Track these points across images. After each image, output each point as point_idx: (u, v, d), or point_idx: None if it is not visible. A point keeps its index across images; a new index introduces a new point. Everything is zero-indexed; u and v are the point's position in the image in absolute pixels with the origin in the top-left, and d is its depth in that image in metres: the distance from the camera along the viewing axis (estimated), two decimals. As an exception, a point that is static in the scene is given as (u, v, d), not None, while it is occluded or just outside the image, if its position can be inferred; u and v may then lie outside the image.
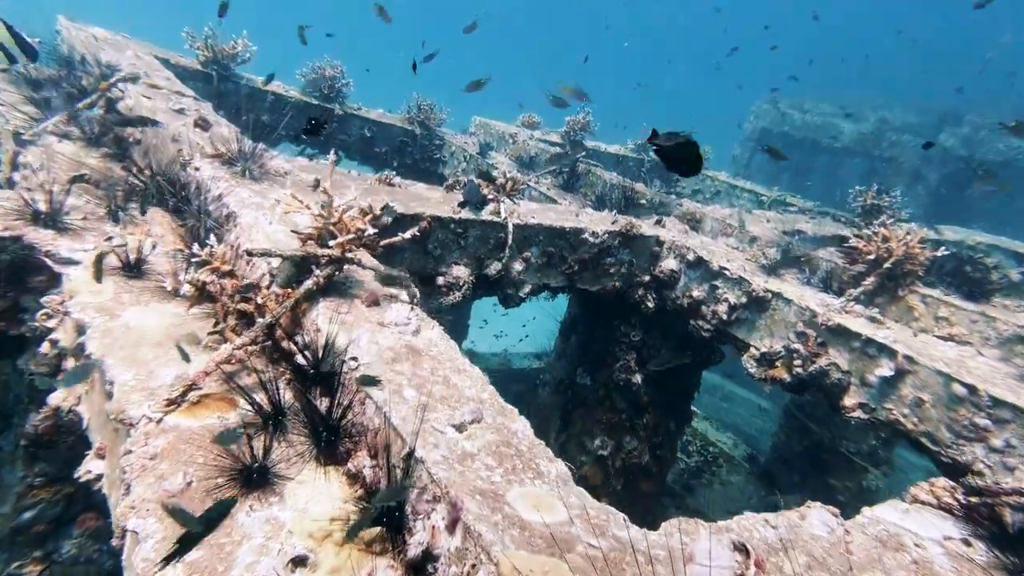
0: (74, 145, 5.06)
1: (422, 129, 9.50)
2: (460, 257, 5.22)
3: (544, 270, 5.68)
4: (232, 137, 4.92)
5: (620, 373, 6.23)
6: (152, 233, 3.54)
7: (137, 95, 5.37)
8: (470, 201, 5.17)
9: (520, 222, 5.33)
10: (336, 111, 8.77)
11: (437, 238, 5.02)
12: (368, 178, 5.46)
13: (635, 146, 11.97)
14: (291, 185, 4.45)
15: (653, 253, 5.97)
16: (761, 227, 6.19)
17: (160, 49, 7.64)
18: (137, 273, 3.09)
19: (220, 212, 3.68)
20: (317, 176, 4.82)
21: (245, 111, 8.13)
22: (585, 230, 5.62)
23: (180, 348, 2.45)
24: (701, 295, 5.48)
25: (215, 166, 4.27)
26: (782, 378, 4.46)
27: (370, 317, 2.93)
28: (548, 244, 5.57)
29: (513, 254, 5.38)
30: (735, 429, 12.39)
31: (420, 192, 5.37)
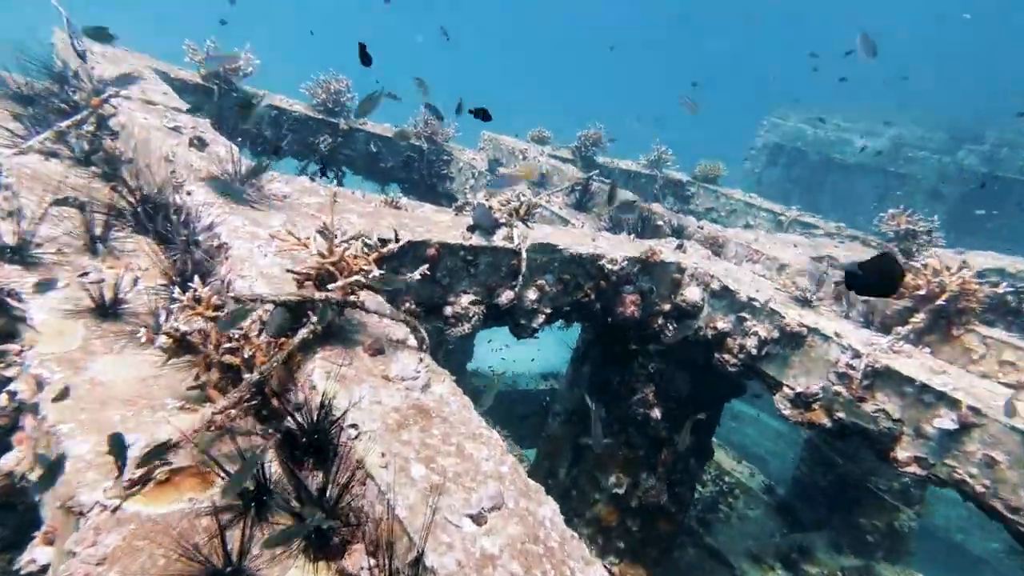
0: (62, 164, 4.76)
1: (429, 144, 9.23)
2: (470, 286, 4.87)
3: (559, 299, 5.32)
4: (228, 157, 4.61)
5: (637, 407, 5.84)
6: (134, 267, 3.21)
7: (130, 111, 5.09)
8: (481, 225, 4.83)
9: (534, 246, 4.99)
10: (341, 125, 8.51)
11: (446, 265, 4.68)
12: (372, 199, 5.13)
13: (647, 162, 11.67)
14: (290, 210, 4.13)
15: (674, 280, 5.61)
16: (789, 253, 5.82)
17: (160, 62, 7.40)
18: (113, 314, 2.76)
19: (211, 242, 3.35)
20: (319, 200, 4.51)
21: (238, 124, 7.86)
22: (603, 256, 5.27)
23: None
24: (727, 327, 5.11)
25: (208, 190, 3.96)
26: (821, 423, 4.07)
27: (373, 370, 2.58)
28: (564, 271, 5.22)
29: (526, 282, 5.03)
30: (743, 450, 11.93)
31: (428, 215, 5.04)
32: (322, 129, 8.44)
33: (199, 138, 4.65)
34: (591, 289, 5.35)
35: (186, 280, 3.14)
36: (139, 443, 2.05)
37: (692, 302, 5.41)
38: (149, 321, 2.73)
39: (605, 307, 5.50)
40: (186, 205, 3.81)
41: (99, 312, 2.72)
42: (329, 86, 8.12)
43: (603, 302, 5.49)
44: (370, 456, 2.01)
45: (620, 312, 5.43)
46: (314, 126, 8.35)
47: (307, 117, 8.29)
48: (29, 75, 5.44)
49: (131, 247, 3.41)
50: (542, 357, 14.73)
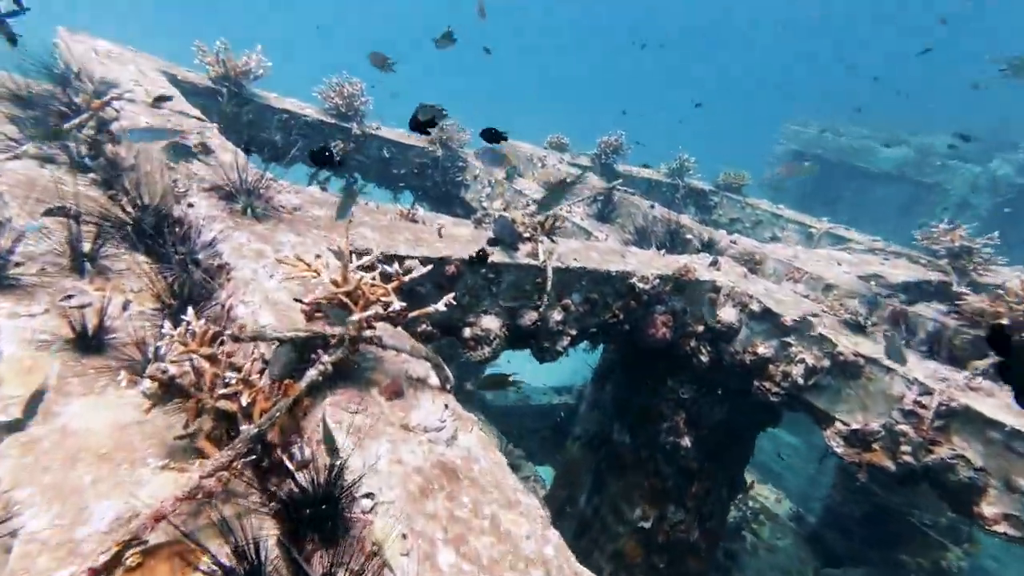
0: (59, 171, 4.47)
1: (444, 150, 8.90)
2: (491, 305, 4.51)
3: (585, 319, 4.94)
4: (235, 165, 4.29)
5: (667, 435, 5.42)
6: (126, 289, 2.87)
7: (133, 115, 4.79)
8: (503, 240, 4.47)
9: (561, 265, 4.62)
10: (354, 130, 8.20)
11: (465, 284, 4.32)
12: (387, 211, 4.79)
13: (669, 171, 11.27)
14: (300, 223, 3.79)
15: (709, 300, 5.20)
16: (834, 271, 5.40)
17: (168, 64, 7.15)
18: (95, 346, 2.41)
19: (211, 261, 3.01)
20: (331, 212, 4.17)
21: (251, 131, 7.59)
22: (633, 274, 4.88)
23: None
24: (768, 352, 4.69)
25: (212, 202, 3.63)
26: (883, 465, 3.65)
27: (392, 417, 2.21)
28: (591, 290, 4.84)
29: (551, 301, 4.66)
30: (757, 465, 11.37)
31: (447, 228, 4.69)
32: (334, 134, 8.14)
33: (204, 144, 4.34)
34: (620, 309, 4.96)
35: (184, 303, 2.80)
36: (108, 516, 1.69)
37: (728, 324, 5.00)
38: (137, 354, 2.39)
39: (634, 328, 5.11)
40: (186, 218, 3.48)
41: (80, 343, 2.38)
42: (343, 89, 7.82)
43: (632, 323, 5.10)
44: (389, 541, 1.64)
45: (651, 334, 5.03)
46: (327, 131, 8.05)
47: (319, 122, 8.00)
48: (28, 76, 5.17)
49: (123, 266, 3.08)
50: (555, 368, 14.31)
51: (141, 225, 3.17)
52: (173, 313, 2.72)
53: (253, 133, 7.70)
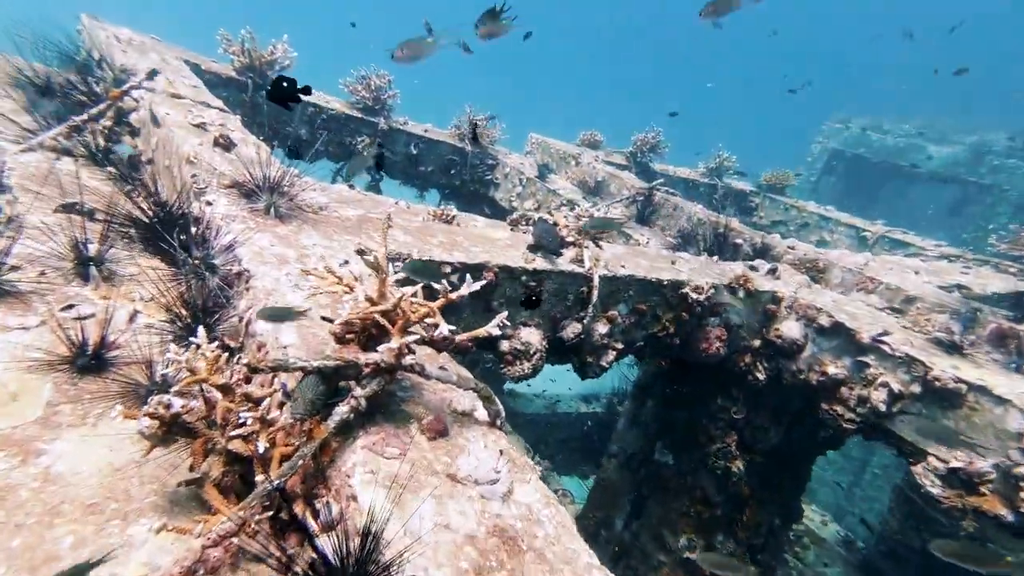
0: (75, 165, 4.21)
1: (473, 146, 8.52)
2: (531, 316, 4.10)
3: (632, 332, 4.50)
4: (258, 160, 3.97)
5: (717, 459, 4.95)
6: (135, 297, 2.55)
7: (153, 105, 4.52)
8: (544, 245, 4.06)
9: (608, 273, 4.18)
10: (380, 125, 7.88)
11: (503, 292, 3.92)
12: (419, 211, 4.42)
13: (707, 170, 10.69)
14: (326, 224, 3.44)
15: (767, 312, 4.71)
16: (912, 281, 4.85)
17: (192, 53, 6.92)
18: (95, 366, 2.09)
19: (230, 268, 2.67)
20: (360, 212, 3.81)
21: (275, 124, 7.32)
22: (686, 284, 4.42)
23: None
24: (840, 373, 4.18)
25: (232, 199, 3.30)
26: (994, 512, 3.14)
27: (436, 464, 1.82)
28: (640, 300, 4.40)
29: (596, 313, 4.23)
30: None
31: (482, 231, 4.29)
32: (360, 129, 7.83)
33: (226, 137, 4.03)
34: (670, 321, 4.51)
35: (197, 314, 2.47)
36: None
37: (791, 339, 4.50)
38: (141, 376, 2.05)
39: (684, 343, 4.65)
40: (204, 217, 3.16)
41: (77, 363, 2.05)
42: (370, 82, 7.50)
43: (682, 337, 4.64)
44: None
45: (703, 349, 4.56)
46: (353, 126, 7.74)
47: (344, 115, 7.69)
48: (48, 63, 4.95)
49: (135, 270, 2.76)
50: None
51: (155, 225, 2.85)
52: (185, 328, 2.38)
53: (277, 126, 7.44)
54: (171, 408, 1.63)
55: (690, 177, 10.57)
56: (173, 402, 1.65)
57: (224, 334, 2.48)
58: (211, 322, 2.48)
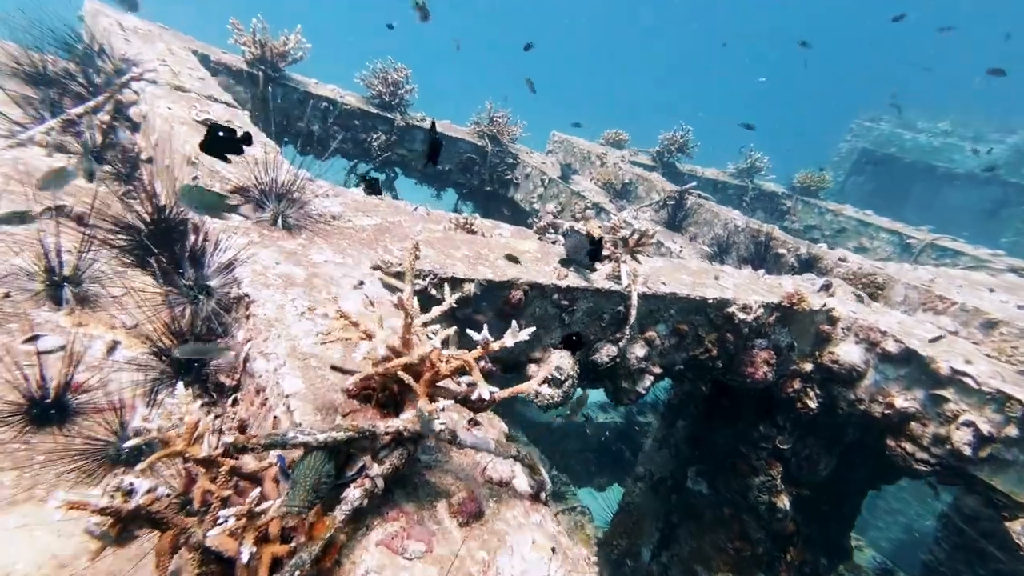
0: (68, 163, 3.89)
1: (493, 145, 8.11)
2: (561, 337, 3.70)
3: (671, 354, 4.09)
4: (266, 161, 3.61)
5: (760, 492, 4.53)
6: (117, 324, 2.20)
7: (154, 98, 4.18)
8: (577, 260, 3.65)
9: (647, 290, 3.77)
10: (396, 121, 7.50)
11: (533, 312, 3.53)
12: (440, 218, 4.04)
13: (737, 170, 10.18)
14: (340, 236, 3.07)
15: (821, 333, 4.26)
16: (990, 301, 4.36)
17: (201, 43, 6.58)
18: (56, 415, 1.74)
19: (228, 290, 2.31)
20: (376, 221, 3.43)
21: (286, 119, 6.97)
22: (733, 302, 3.99)
23: None
24: (911, 407, 3.73)
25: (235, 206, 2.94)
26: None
27: (471, 565, 1.44)
28: (681, 320, 3.98)
29: (634, 334, 3.83)
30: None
31: (508, 242, 3.90)
32: (376, 125, 7.46)
33: (229, 134, 3.66)
34: (713, 343, 4.09)
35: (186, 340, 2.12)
36: None
37: (849, 365, 4.06)
38: (107, 430, 1.69)
39: (727, 366, 4.23)
40: (203, 227, 2.80)
41: (33, 413, 1.70)
42: (387, 76, 7.11)
43: (726, 359, 4.22)
44: None
45: (748, 373, 4.14)
46: (368, 122, 7.37)
47: (360, 111, 7.32)
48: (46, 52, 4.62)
49: (119, 290, 2.41)
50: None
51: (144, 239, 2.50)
52: (172, 364, 2.03)
53: (288, 122, 7.09)
54: (132, 498, 1.26)
55: (719, 178, 10.07)
56: (137, 488, 1.28)
57: (218, 369, 2.13)
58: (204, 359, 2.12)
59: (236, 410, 2.01)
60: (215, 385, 2.10)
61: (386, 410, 1.54)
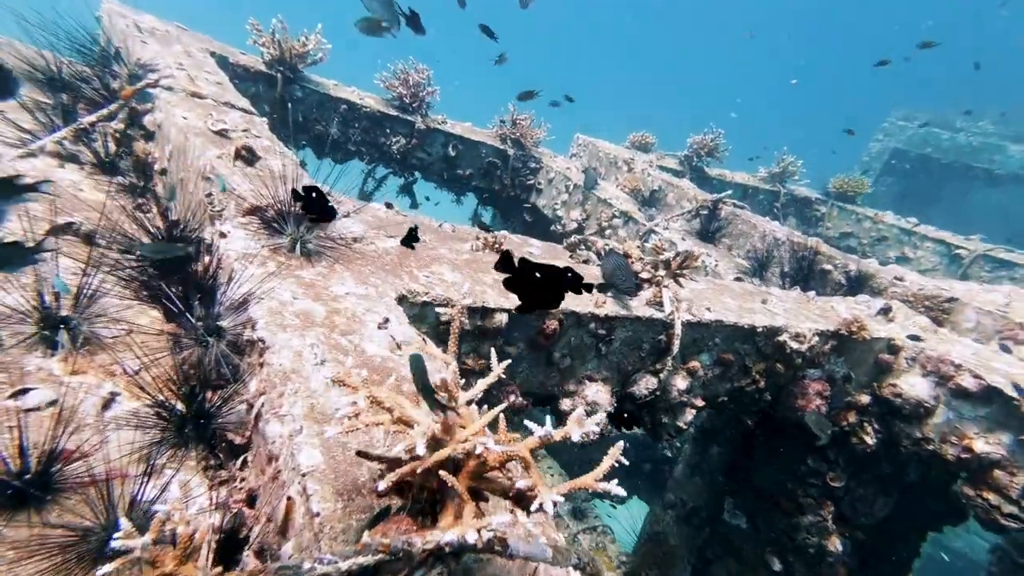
0: (81, 172, 3.71)
1: (516, 148, 7.82)
2: (597, 368, 3.43)
3: (714, 385, 3.78)
4: (284, 175, 3.39)
5: (808, 533, 4.20)
6: (117, 370, 1.98)
7: (169, 107, 3.98)
8: (616, 284, 3.36)
9: (691, 318, 3.47)
10: (417, 124, 7.25)
11: (568, 341, 3.25)
12: (466, 235, 3.78)
13: (768, 175, 9.74)
14: (362, 261, 2.82)
15: (881, 364, 3.91)
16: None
17: (219, 44, 6.40)
18: (37, 492, 1.51)
19: (240, 332, 2.07)
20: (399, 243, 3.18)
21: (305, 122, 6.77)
22: (784, 330, 3.66)
23: None
24: (994, 452, 3.37)
25: (251, 230, 2.71)
26: None
27: None
28: (726, 348, 3.67)
29: (676, 365, 3.53)
30: None
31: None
32: (396, 128, 7.22)
33: (248, 148, 3.45)
34: (761, 374, 3.77)
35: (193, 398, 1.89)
36: None
37: (915, 400, 3.71)
38: (95, 516, 1.46)
39: (775, 398, 3.91)
40: (216, 253, 2.58)
41: (7, 492, 1.48)
42: (408, 78, 6.86)
43: (774, 390, 3.89)
44: None
45: (799, 406, 3.81)
46: (388, 124, 7.14)
47: (380, 113, 7.09)
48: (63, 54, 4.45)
49: (124, 327, 2.19)
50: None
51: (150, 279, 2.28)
52: (176, 421, 1.80)
53: (307, 125, 6.89)
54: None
55: (749, 183, 9.65)
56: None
57: (228, 427, 1.89)
58: (211, 408, 1.89)
59: (245, 475, 1.78)
60: (223, 443, 1.87)
61: (422, 510, 1.28)
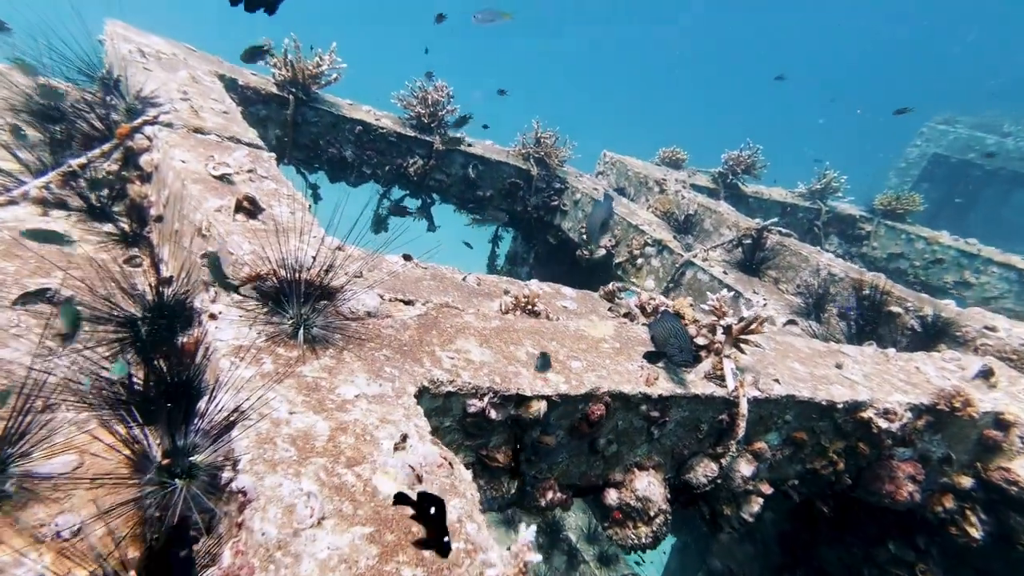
0: (67, 222, 3.36)
1: (540, 168, 7.36)
2: (648, 454, 2.94)
3: (783, 468, 3.26)
4: (293, 224, 2.98)
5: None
6: (48, 532, 1.56)
7: (167, 146, 3.61)
8: (670, 355, 2.86)
9: (759, 393, 2.96)
10: (436, 145, 6.84)
11: (615, 426, 2.77)
12: (492, 287, 3.32)
13: (808, 191, 9.11)
14: (375, 344, 2.38)
15: (985, 441, 3.35)
16: None
17: (229, 65, 6.07)
18: None
19: (222, 472, 1.64)
20: (420, 311, 2.73)
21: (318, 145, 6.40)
22: (868, 405, 3.12)
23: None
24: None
25: (247, 310, 2.29)
26: None
27: None
28: (798, 427, 3.15)
29: (740, 448, 3.02)
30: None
31: (579, 329, 3.13)
32: (413, 149, 6.82)
33: (251, 199, 3.04)
34: (839, 454, 3.23)
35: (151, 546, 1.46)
36: None
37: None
38: None
39: (856, 481, 3.36)
40: (203, 342, 2.16)
41: None
42: (427, 96, 6.45)
43: (854, 472, 3.35)
44: None
45: (886, 492, 3.26)
46: (405, 145, 6.74)
47: (396, 134, 6.69)
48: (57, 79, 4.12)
49: (73, 459, 1.77)
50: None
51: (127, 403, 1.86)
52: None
53: (320, 147, 6.52)
54: None
55: (787, 200, 9.03)
56: None
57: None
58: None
59: None
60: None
61: None
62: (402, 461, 1.78)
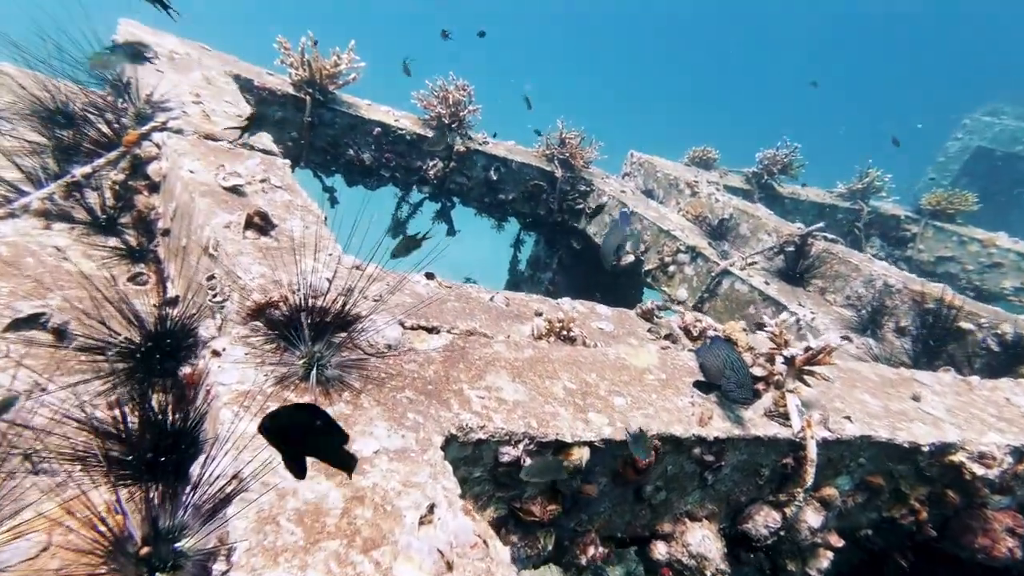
0: (69, 235, 3.15)
1: (564, 170, 7.01)
2: (700, 501, 2.60)
3: (854, 516, 2.89)
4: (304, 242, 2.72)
5: None
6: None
7: (176, 155, 3.37)
8: (726, 391, 2.51)
9: (828, 434, 2.59)
10: (457, 147, 6.54)
11: (664, 471, 2.45)
12: (524, 311, 3.01)
13: (847, 191, 8.59)
14: (397, 385, 2.09)
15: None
16: None
17: (245, 65, 5.85)
18: None
19: (210, 555, 1.37)
20: (444, 341, 2.43)
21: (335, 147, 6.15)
22: (958, 447, 2.73)
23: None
24: None
25: (253, 345, 2.02)
26: None
27: None
28: (873, 468, 2.77)
29: (806, 496, 2.66)
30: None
31: (619, 357, 2.80)
32: (433, 150, 6.53)
33: (262, 215, 2.78)
34: (922, 502, 2.85)
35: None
36: None
37: None
38: None
39: (941, 532, 2.97)
40: (203, 385, 1.90)
41: None
42: (448, 96, 6.15)
43: (939, 521, 2.96)
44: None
45: (980, 546, 2.86)
46: (424, 147, 6.46)
47: (416, 135, 6.42)
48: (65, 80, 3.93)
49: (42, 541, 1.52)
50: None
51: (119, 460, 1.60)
52: None
53: (337, 150, 6.28)
54: None
55: (825, 201, 8.52)
56: None
57: None
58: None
59: None
60: None
61: None
62: (429, 544, 1.48)
